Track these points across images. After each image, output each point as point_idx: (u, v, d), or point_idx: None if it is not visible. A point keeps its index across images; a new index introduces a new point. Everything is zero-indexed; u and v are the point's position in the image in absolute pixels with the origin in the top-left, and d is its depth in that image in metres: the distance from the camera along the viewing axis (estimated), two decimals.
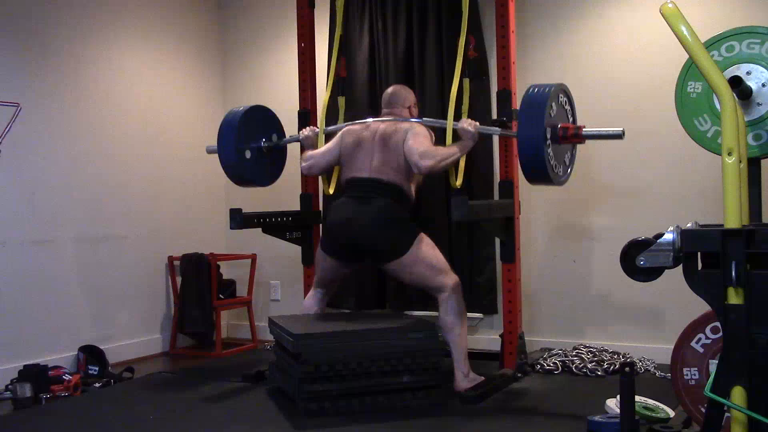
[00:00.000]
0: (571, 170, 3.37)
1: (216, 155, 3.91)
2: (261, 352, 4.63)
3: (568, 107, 3.28)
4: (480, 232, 4.21)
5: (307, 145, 3.89)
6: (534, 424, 3.00)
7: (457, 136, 3.54)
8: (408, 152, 3.47)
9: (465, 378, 3.43)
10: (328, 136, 3.87)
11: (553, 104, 3.10)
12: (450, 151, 3.46)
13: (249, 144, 3.90)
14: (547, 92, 3.07)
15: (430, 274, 3.45)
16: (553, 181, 3.13)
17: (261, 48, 5.24)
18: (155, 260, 4.80)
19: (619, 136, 3.16)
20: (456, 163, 3.53)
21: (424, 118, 3.70)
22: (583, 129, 3.16)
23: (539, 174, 3.09)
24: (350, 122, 3.81)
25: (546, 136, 3.02)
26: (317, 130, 3.88)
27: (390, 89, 3.83)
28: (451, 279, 3.47)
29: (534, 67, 4.31)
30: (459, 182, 3.58)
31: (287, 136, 4.08)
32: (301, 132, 3.95)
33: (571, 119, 3.31)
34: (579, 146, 3.40)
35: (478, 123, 3.53)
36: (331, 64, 4.26)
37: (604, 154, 4.13)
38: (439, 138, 3.61)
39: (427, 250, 3.46)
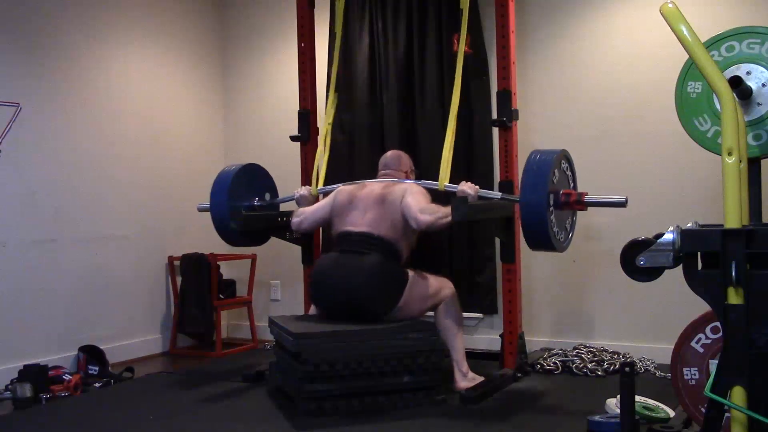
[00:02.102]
0: (572, 236, 3.30)
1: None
2: (261, 352, 4.63)
3: (569, 172, 3.23)
4: (480, 232, 4.21)
5: (301, 204, 3.89)
6: (534, 424, 3.00)
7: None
8: (406, 208, 3.43)
9: (464, 378, 3.44)
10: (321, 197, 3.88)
11: (556, 171, 3.04)
12: (449, 210, 3.30)
13: (242, 204, 3.88)
14: (549, 159, 3.02)
15: (428, 305, 3.49)
16: (555, 247, 3.07)
17: (261, 48, 5.24)
18: (155, 260, 4.80)
19: (622, 204, 3.11)
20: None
21: (422, 180, 3.64)
22: (586, 196, 3.10)
23: (542, 241, 3.03)
24: (345, 182, 3.78)
25: (548, 203, 2.97)
26: (311, 188, 3.90)
27: (389, 153, 3.85)
28: (445, 293, 3.50)
29: (534, 67, 4.31)
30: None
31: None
32: (296, 191, 3.94)
33: (572, 184, 3.25)
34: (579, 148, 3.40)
35: (478, 187, 3.42)
36: (332, 64, 4.27)
37: (605, 154, 4.13)
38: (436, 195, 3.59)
39: (417, 289, 3.44)
